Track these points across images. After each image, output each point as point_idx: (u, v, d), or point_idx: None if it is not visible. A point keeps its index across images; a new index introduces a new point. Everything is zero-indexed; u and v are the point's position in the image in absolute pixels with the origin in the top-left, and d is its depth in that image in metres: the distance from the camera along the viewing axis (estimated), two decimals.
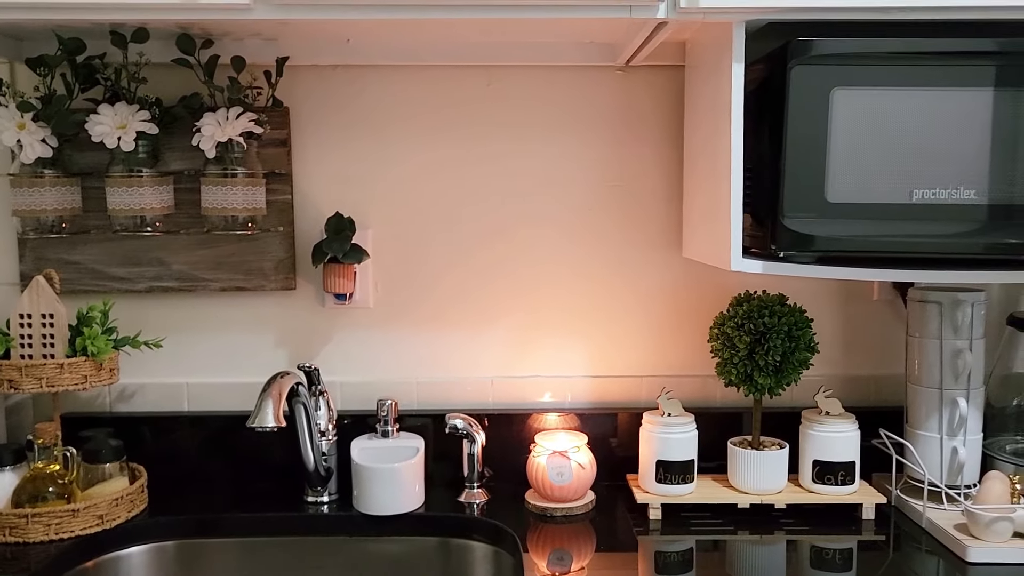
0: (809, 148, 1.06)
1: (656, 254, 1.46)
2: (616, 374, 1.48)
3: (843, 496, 1.29)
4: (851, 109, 1.06)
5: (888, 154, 1.06)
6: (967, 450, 1.26)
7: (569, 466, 1.29)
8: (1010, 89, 1.04)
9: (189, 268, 1.42)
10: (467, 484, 1.38)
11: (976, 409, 1.27)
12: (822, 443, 1.29)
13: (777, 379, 1.26)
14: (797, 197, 1.07)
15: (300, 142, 1.43)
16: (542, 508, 1.31)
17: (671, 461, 1.29)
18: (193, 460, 1.44)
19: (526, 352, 1.48)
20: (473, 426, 1.37)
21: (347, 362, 1.47)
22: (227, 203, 1.32)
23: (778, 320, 1.24)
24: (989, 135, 1.05)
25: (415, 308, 1.47)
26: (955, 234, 1.07)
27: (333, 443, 1.37)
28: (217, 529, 1.31)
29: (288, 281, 1.42)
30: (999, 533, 1.13)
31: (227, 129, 1.28)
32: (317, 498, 1.36)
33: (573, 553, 1.21)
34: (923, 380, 1.29)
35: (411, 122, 1.44)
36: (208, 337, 1.46)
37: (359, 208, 1.44)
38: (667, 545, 1.23)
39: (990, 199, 1.06)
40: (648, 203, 1.45)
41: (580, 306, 1.47)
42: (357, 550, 1.31)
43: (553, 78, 1.43)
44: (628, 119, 1.44)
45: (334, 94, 1.43)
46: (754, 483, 1.30)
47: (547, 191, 1.45)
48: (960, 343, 1.25)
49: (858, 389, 1.48)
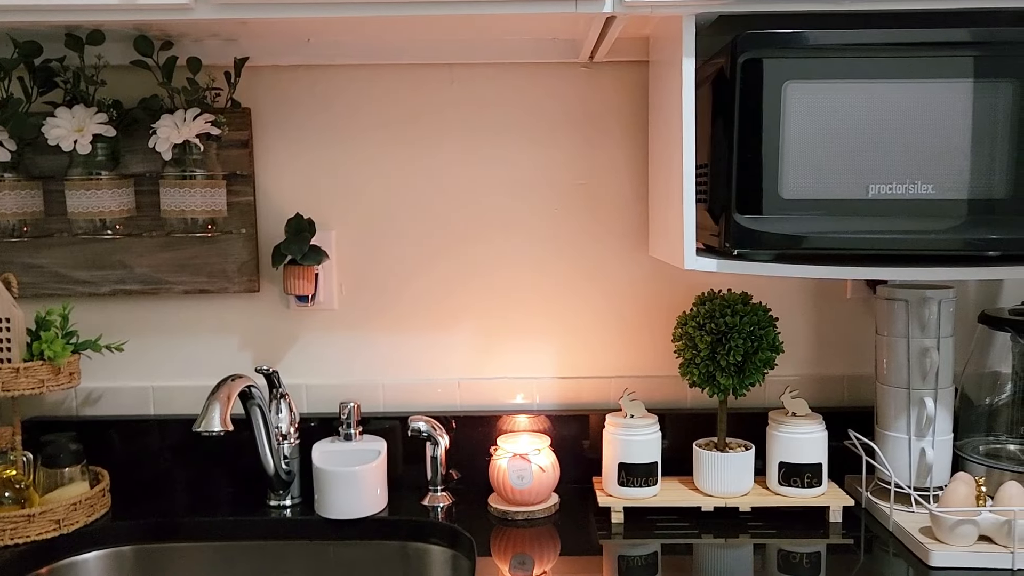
0: (761, 143, 1.04)
1: (624, 253, 1.44)
2: (585, 375, 1.46)
3: (809, 499, 1.26)
4: (804, 103, 1.03)
5: (842, 149, 1.03)
6: (936, 451, 1.23)
7: (530, 469, 1.27)
8: (964, 81, 1.02)
9: (152, 271, 1.41)
10: (431, 487, 1.36)
11: (945, 409, 1.24)
12: (788, 445, 1.26)
13: (740, 379, 1.23)
14: (750, 194, 1.05)
15: (263, 143, 1.42)
16: (503, 512, 1.30)
17: (633, 464, 1.27)
18: (159, 464, 1.43)
19: (493, 353, 1.46)
20: (437, 429, 1.36)
21: (312, 364, 1.46)
22: (186, 205, 1.31)
23: (740, 320, 1.22)
24: (944, 128, 1.02)
25: (381, 310, 1.45)
26: (912, 230, 1.04)
27: (295, 446, 1.36)
28: (177, 533, 1.30)
29: (251, 283, 1.41)
30: (964, 536, 1.10)
31: (184, 131, 1.27)
32: (280, 502, 1.35)
33: (535, 557, 1.19)
34: (891, 380, 1.26)
35: (374, 122, 1.42)
36: (173, 340, 1.45)
37: (323, 209, 1.43)
38: (630, 549, 1.21)
39: (947, 194, 1.03)
40: (615, 202, 1.43)
41: (548, 306, 1.45)
42: (318, 554, 1.30)
43: (518, 75, 1.42)
44: (594, 116, 1.42)
45: (296, 94, 1.42)
46: (719, 486, 1.27)
47: (513, 190, 1.43)
48: (927, 341, 1.22)
49: (830, 389, 1.45)
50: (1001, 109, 1.02)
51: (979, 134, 1.02)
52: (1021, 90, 1.02)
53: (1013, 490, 1.10)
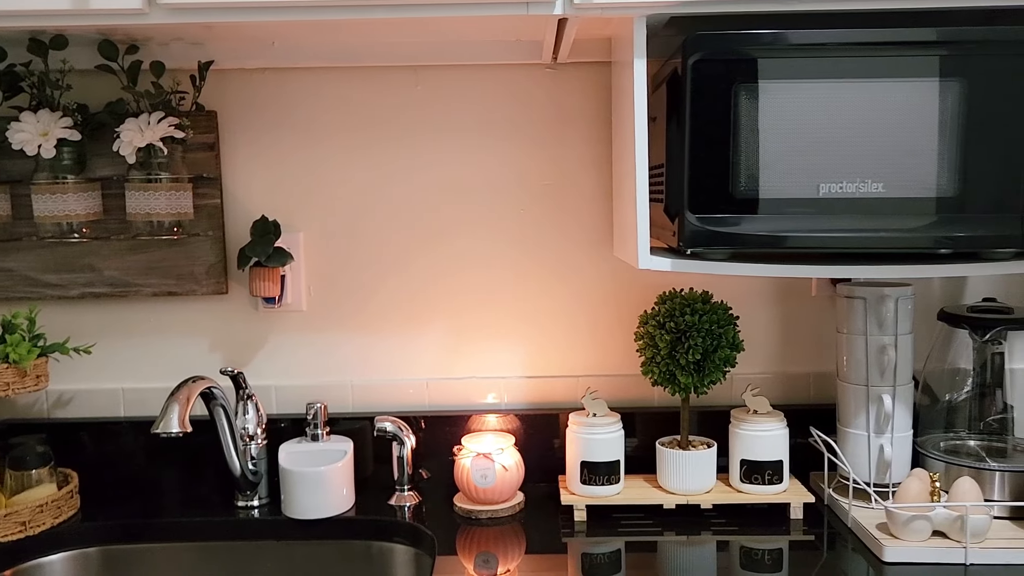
0: (713, 144, 1.05)
1: (590, 253, 1.45)
2: (553, 374, 1.47)
3: (770, 496, 1.27)
4: (754, 103, 1.04)
5: (793, 148, 1.04)
6: (895, 448, 1.23)
7: (493, 468, 1.28)
8: (913, 81, 1.02)
9: (121, 274, 1.42)
10: (397, 487, 1.37)
11: (904, 406, 1.25)
12: (749, 442, 1.27)
13: (700, 378, 1.24)
14: (702, 193, 1.06)
15: (229, 146, 1.43)
16: (467, 511, 1.30)
17: (596, 462, 1.28)
18: (130, 465, 1.44)
19: (462, 354, 1.47)
20: (403, 429, 1.37)
21: (281, 365, 1.47)
22: (151, 208, 1.32)
23: (699, 318, 1.23)
24: (893, 128, 1.03)
25: (349, 311, 1.46)
26: (863, 228, 1.05)
27: (263, 447, 1.37)
28: (144, 535, 1.31)
29: (220, 285, 1.42)
30: (917, 532, 1.11)
31: (148, 134, 1.28)
32: (247, 502, 1.36)
33: (499, 555, 1.20)
34: (851, 377, 1.27)
35: (341, 124, 1.43)
36: (142, 342, 1.46)
37: (291, 211, 1.44)
38: (593, 547, 1.22)
39: (897, 192, 1.04)
40: (581, 202, 1.44)
41: (516, 307, 1.46)
42: (285, 554, 1.30)
43: (483, 77, 1.42)
44: (559, 117, 1.43)
45: (263, 97, 1.43)
46: (682, 483, 1.28)
47: (479, 191, 1.44)
48: (885, 339, 1.23)
49: (796, 387, 1.46)
50: (949, 108, 1.03)
51: (928, 133, 1.03)
52: (968, 89, 1.03)
53: (966, 485, 1.11)
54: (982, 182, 1.04)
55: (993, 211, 1.04)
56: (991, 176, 1.04)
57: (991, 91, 1.02)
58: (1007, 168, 1.03)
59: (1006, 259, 1.09)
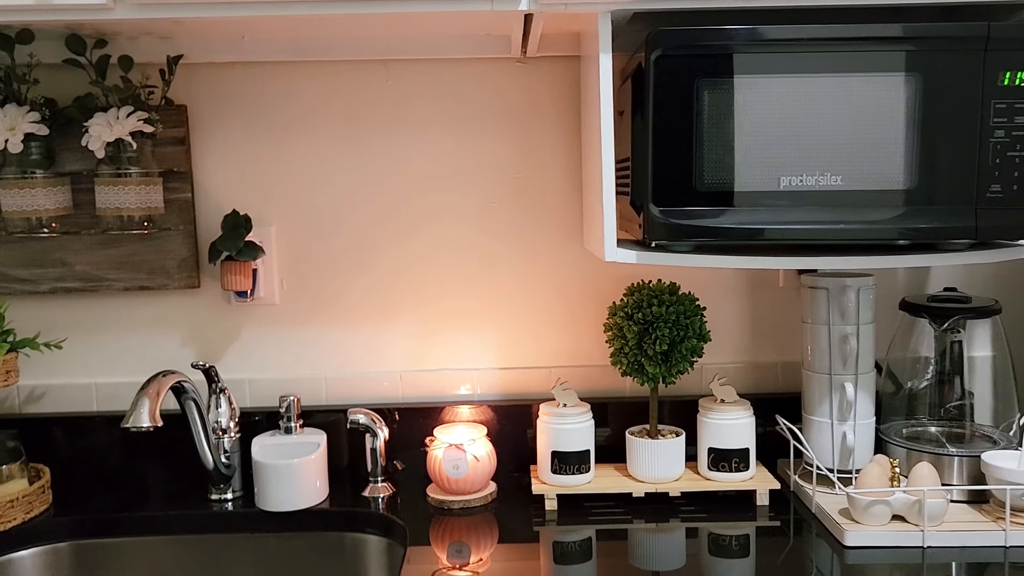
0: (675, 138, 1.07)
1: (562, 245, 1.47)
2: (526, 365, 1.49)
3: (737, 483, 1.29)
4: (716, 98, 1.06)
5: (754, 142, 1.06)
6: (857, 435, 1.26)
7: (464, 459, 1.29)
8: (871, 75, 1.05)
9: (92, 268, 1.42)
10: (371, 478, 1.39)
11: (866, 394, 1.27)
12: (716, 431, 1.29)
13: (667, 368, 1.26)
14: (666, 186, 1.08)
15: (200, 140, 1.43)
16: (440, 501, 1.32)
17: (566, 452, 1.30)
18: (104, 460, 1.44)
19: (435, 346, 1.48)
20: (376, 422, 1.38)
21: (255, 359, 1.47)
22: (121, 203, 1.32)
23: (666, 309, 1.25)
24: (852, 121, 1.05)
25: (322, 304, 1.47)
26: (822, 220, 1.07)
27: (236, 440, 1.38)
28: (116, 529, 1.31)
29: (191, 280, 1.43)
30: (877, 516, 1.13)
31: (116, 129, 1.28)
32: (221, 496, 1.37)
33: (471, 545, 1.22)
34: (815, 366, 1.29)
35: (312, 118, 1.44)
36: (115, 337, 1.46)
37: (262, 205, 1.44)
38: (564, 535, 1.24)
39: (855, 185, 1.06)
40: (552, 195, 1.46)
41: (488, 299, 1.48)
42: (258, 547, 1.31)
43: (454, 71, 1.43)
44: (530, 111, 1.44)
45: (233, 92, 1.43)
46: (651, 472, 1.30)
47: (451, 185, 1.45)
48: (847, 328, 1.25)
49: (765, 376, 1.49)
50: (906, 102, 1.05)
51: (884, 127, 1.05)
52: (924, 84, 1.05)
53: (924, 471, 1.14)
54: (937, 175, 1.06)
55: (948, 203, 1.07)
56: (946, 169, 1.06)
57: (945, 86, 1.05)
58: (961, 161, 1.06)
59: (962, 250, 1.12)
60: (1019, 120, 1.05)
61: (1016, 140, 1.05)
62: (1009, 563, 1.09)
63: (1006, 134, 1.05)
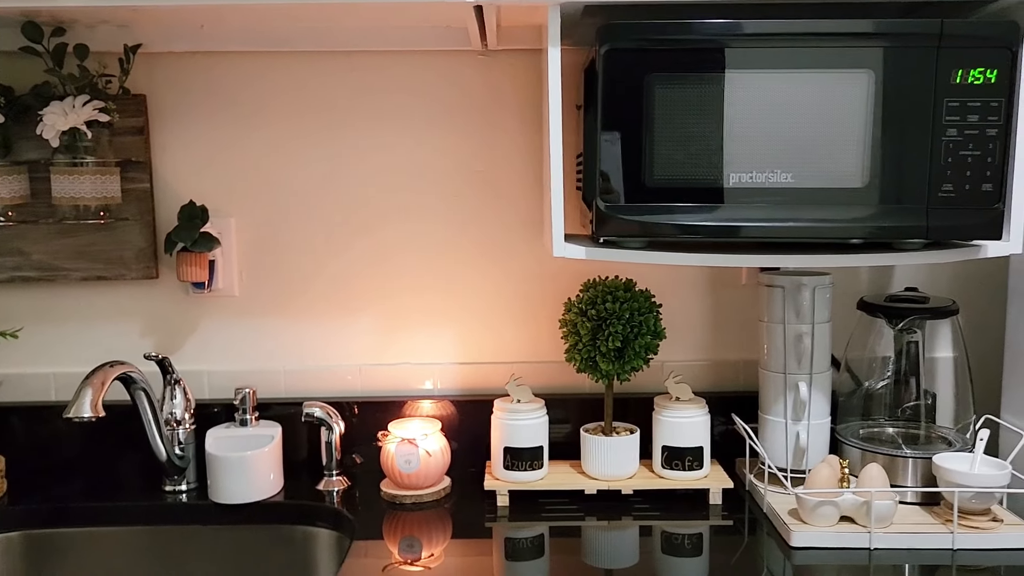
0: (625, 132, 1.05)
1: (524, 240, 1.46)
2: (486, 360, 1.48)
3: (690, 481, 1.29)
4: (665, 93, 1.04)
5: (703, 138, 1.05)
6: (811, 434, 1.25)
7: (416, 453, 1.29)
8: (822, 71, 1.03)
9: (49, 258, 1.41)
10: (326, 472, 1.38)
11: (821, 394, 1.27)
12: (670, 428, 1.28)
13: (620, 365, 1.25)
14: (614, 182, 1.07)
15: (159, 130, 1.42)
16: (392, 495, 1.31)
17: (519, 448, 1.29)
18: (62, 450, 1.44)
19: (395, 340, 1.48)
20: (332, 415, 1.37)
21: (213, 351, 1.47)
22: (76, 192, 1.31)
23: (619, 306, 1.24)
24: (802, 118, 1.04)
25: (282, 296, 1.46)
26: (772, 218, 1.06)
27: (191, 432, 1.37)
28: (68, 519, 1.31)
29: (149, 270, 1.42)
30: (825, 517, 1.13)
31: (71, 118, 1.27)
32: (175, 487, 1.36)
33: (423, 540, 1.21)
34: (770, 365, 1.28)
35: (273, 109, 1.43)
36: (73, 327, 1.46)
37: (222, 196, 1.43)
38: (517, 531, 1.23)
39: (805, 183, 1.05)
40: (514, 189, 1.45)
41: (449, 294, 1.47)
42: (211, 538, 1.31)
43: (417, 63, 1.42)
44: (492, 104, 1.43)
45: (193, 81, 1.42)
46: (604, 469, 1.29)
47: (413, 178, 1.44)
48: (803, 327, 1.24)
49: (726, 374, 1.48)
50: (858, 99, 1.04)
51: (836, 124, 1.04)
52: (877, 80, 1.04)
53: (873, 472, 1.13)
54: (889, 174, 1.05)
55: (899, 202, 1.06)
56: (898, 168, 1.05)
57: (898, 83, 1.04)
58: (913, 160, 1.05)
59: (916, 249, 1.11)
60: (971, 119, 1.04)
61: (969, 139, 1.04)
62: (956, 566, 1.08)
63: (958, 133, 1.04)
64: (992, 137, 1.04)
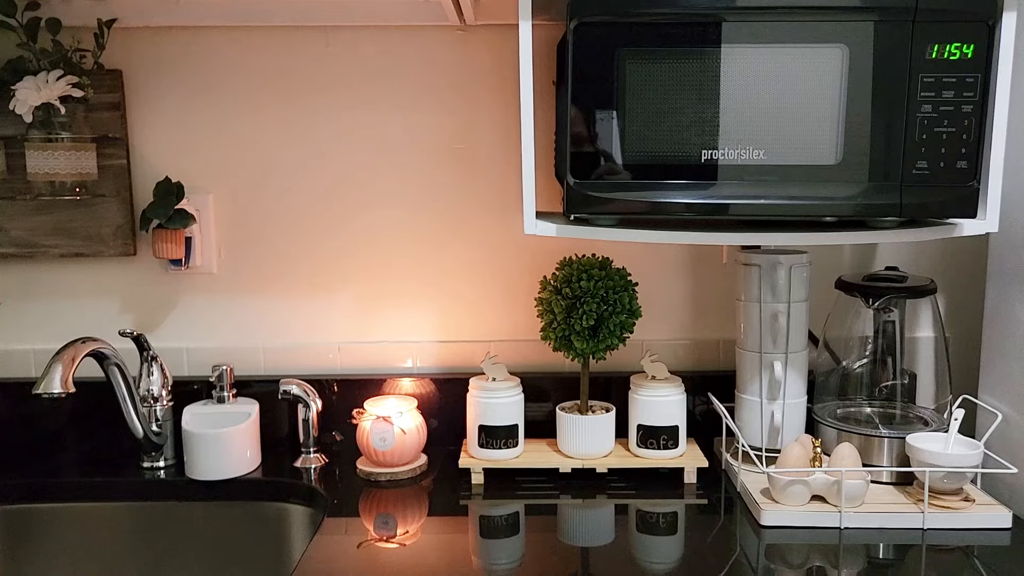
0: (595, 108, 1.04)
1: (503, 218, 1.45)
2: (466, 339, 1.47)
3: (665, 460, 1.28)
4: (637, 68, 1.03)
5: (676, 114, 1.04)
6: (786, 414, 1.25)
7: (392, 431, 1.29)
8: (795, 47, 1.02)
9: (27, 234, 1.41)
10: (303, 449, 1.38)
11: (797, 373, 1.26)
12: (646, 407, 1.28)
13: (595, 343, 1.25)
14: (584, 158, 1.06)
15: (136, 106, 1.41)
16: (368, 473, 1.31)
17: (494, 426, 1.28)
18: (42, 427, 1.44)
19: (375, 318, 1.47)
20: (309, 393, 1.37)
21: (192, 328, 1.47)
22: (51, 168, 1.31)
23: (594, 284, 1.23)
24: (775, 94, 1.03)
25: (260, 274, 1.46)
26: (745, 195, 1.05)
27: (168, 408, 1.37)
28: (45, 495, 1.31)
29: (127, 247, 1.41)
30: (796, 496, 1.12)
31: (44, 93, 1.26)
32: (152, 463, 1.37)
33: (397, 517, 1.21)
34: (747, 344, 1.28)
35: (251, 85, 1.41)
36: (51, 303, 1.46)
37: (200, 173, 1.43)
38: (492, 509, 1.23)
39: (778, 159, 1.04)
40: (492, 166, 1.43)
41: (429, 271, 1.46)
42: (186, 515, 1.31)
43: (393, 39, 1.41)
44: (471, 80, 1.41)
45: (170, 56, 1.41)
46: (579, 447, 1.29)
47: (391, 154, 1.43)
48: (779, 306, 1.24)
49: (706, 353, 1.47)
50: (831, 75, 1.03)
51: (809, 100, 1.03)
52: (851, 55, 1.02)
53: (845, 451, 1.12)
54: (863, 151, 1.04)
55: (873, 180, 1.04)
56: (871, 145, 1.04)
57: (872, 59, 1.02)
58: (887, 137, 1.03)
59: (891, 227, 1.10)
60: (947, 95, 1.02)
61: (944, 115, 1.03)
62: (926, 546, 1.08)
63: (933, 109, 1.02)
64: (968, 114, 1.02)
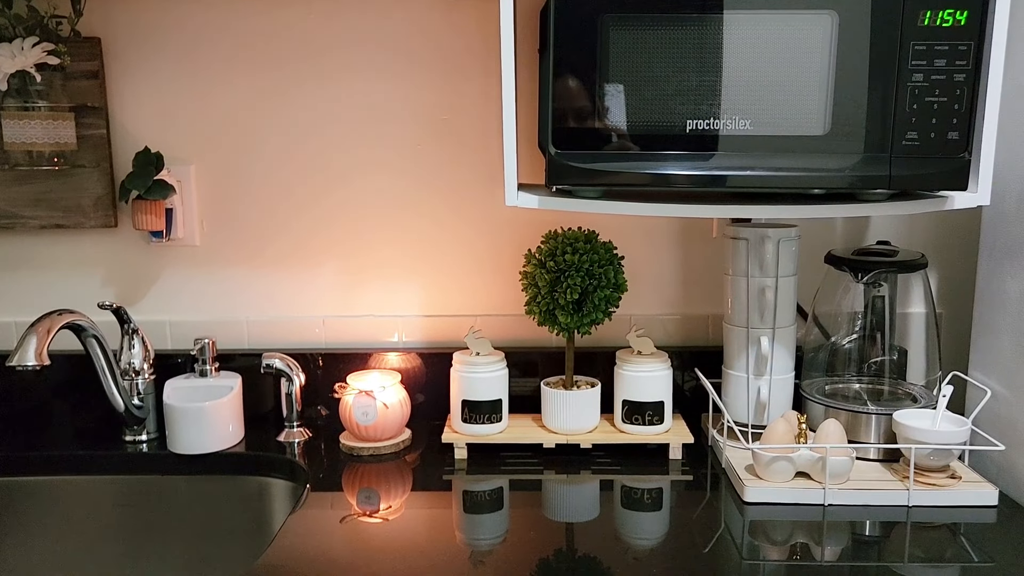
0: (578, 76, 1.02)
1: (489, 190, 1.43)
2: (452, 313, 1.46)
3: (650, 436, 1.27)
4: (620, 35, 1.00)
5: (660, 83, 1.01)
6: (772, 390, 1.23)
7: (374, 405, 1.27)
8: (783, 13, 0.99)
9: (6, 205, 1.39)
10: (287, 423, 1.37)
11: (784, 348, 1.24)
12: (631, 383, 1.26)
13: (579, 317, 1.23)
14: (568, 129, 1.03)
15: (116, 74, 1.39)
16: (351, 448, 1.30)
17: (477, 401, 1.27)
18: (24, 399, 1.44)
19: (360, 292, 1.45)
20: (292, 367, 1.36)
21: (175, 301, 1.45)
22: (28, 138, 1.29)
23: (579, 257, 1.21)
24: (762, 63, 1.00)
25: (244, 246, 1.44)
26: (732, 166, 1.02)
27: (151, 382, 1.36)
28: (26, 467, 1.30)
29: (108, 218, 1.40)
30: (780, 472, 1.11)
31: (19, 60, 1.24)
32: (135, 437, 1.36)
33: (380, 492, 1.20)
34: (734, 319, 1.26)
35: (231, 54, 1.39)
36: (32, 275, 1.44)
37: (182, 143, 1.40)
38: (475, 484, 1.22)
39: (764, 130, 1.01)
40: (479, 137, 1.41)
41: (415, 245, 1.44)
42: (168, 489, 1.31)
43: (378, 7, 1.37)
44: (456, 50, 1.39)
45: (150, 24, 1.38)
46: (564, 423, 1.28)
47: (376, 125, 1.41)
48: (767, 281, 1.22)
49: (695, 328, 1.45)
50: (819, 42, 1.00)
51: (797, 69, 1.00)
52: (841, 22, 0.99)
53: (830, 428, 1.11)
54: (852, 121, 1.01)
55: (862, 151, 1.02)
56: (860, 115, 1.01)
57: (863, 25, 0.99)
58: (877, 107, 1.01)
59: (880, 200, 1.07)
60: (939, 63, 0.99)
61: (935, 85, 1.00)
62: (911, 523, 1.07)
63: (924, 78, 1.00)
64: (960, 83, 0.99)
